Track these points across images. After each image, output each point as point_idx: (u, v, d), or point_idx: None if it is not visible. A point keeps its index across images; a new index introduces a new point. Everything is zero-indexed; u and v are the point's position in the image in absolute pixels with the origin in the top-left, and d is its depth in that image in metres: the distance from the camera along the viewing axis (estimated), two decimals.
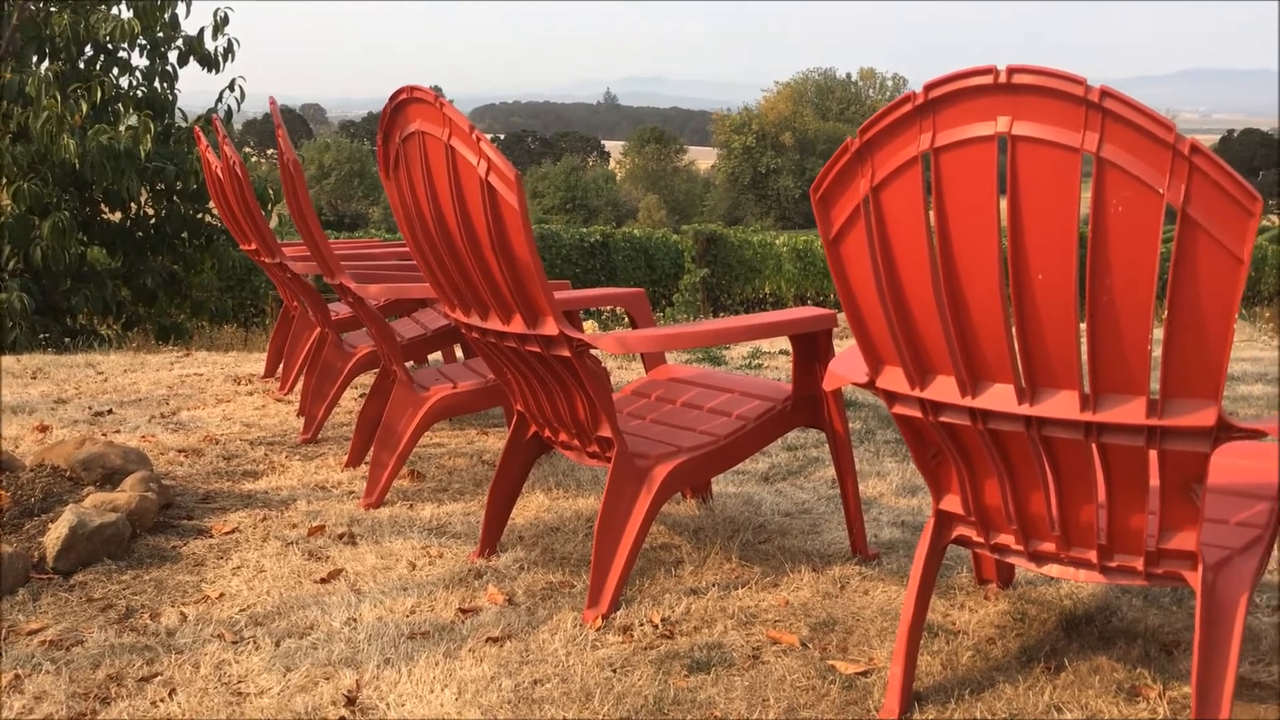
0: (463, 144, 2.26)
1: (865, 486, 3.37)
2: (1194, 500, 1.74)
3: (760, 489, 3.36)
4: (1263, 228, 52.22)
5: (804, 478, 3.49)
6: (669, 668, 2.16)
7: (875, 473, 3.51)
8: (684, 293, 18.79)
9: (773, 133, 63.70)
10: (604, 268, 18.73)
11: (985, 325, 1.72)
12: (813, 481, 3.44)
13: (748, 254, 19.64)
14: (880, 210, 1.75)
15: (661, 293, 19.68)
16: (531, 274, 2.29)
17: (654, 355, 3.17)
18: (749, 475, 3.51)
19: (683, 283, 19.14)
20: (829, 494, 3.28)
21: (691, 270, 19.03)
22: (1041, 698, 2.03)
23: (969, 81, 1.60)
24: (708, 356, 5.83)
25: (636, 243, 19.63)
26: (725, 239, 19.69)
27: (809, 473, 3.54)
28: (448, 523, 3.03)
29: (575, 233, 18.87)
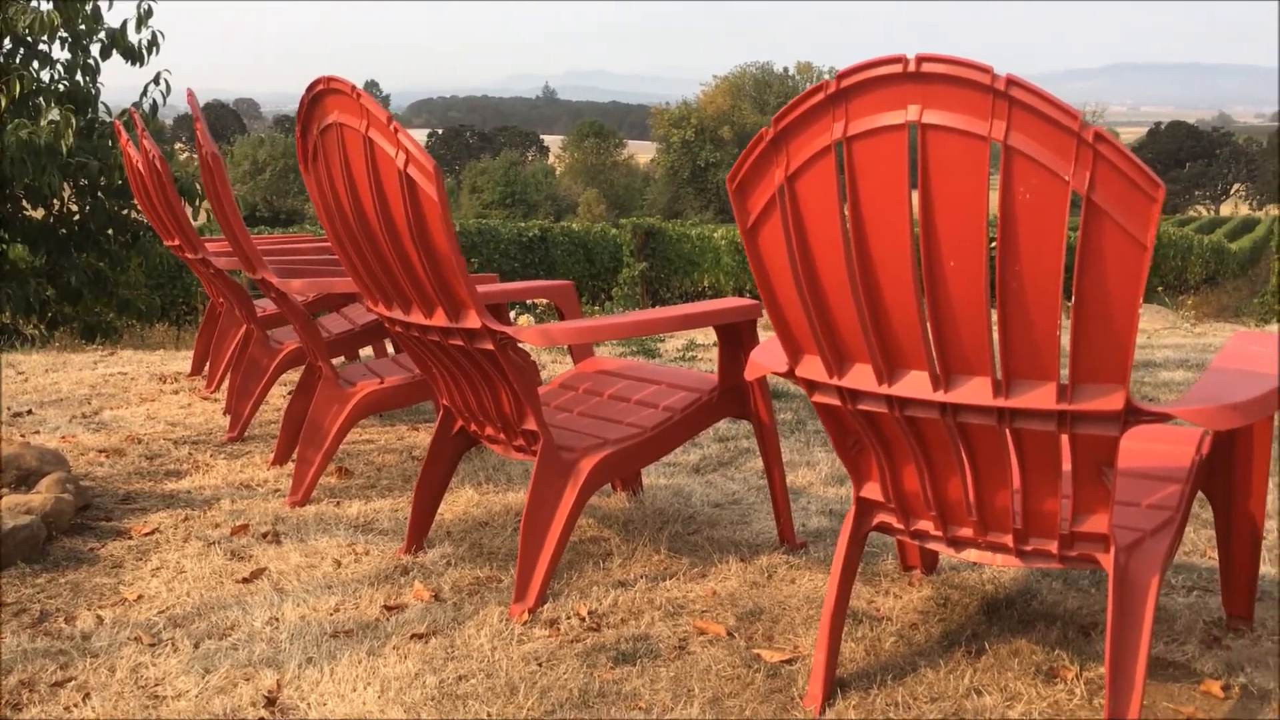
0: (381, 136, 2.23)
1: (795, 476, 3.39)
2: (1105, 484, 1.77)
3: (691, 480, 3.36)
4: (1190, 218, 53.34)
5: (735, 469, 3.50)
6: (595, 660, 2.16)
7: (805, 462, 3.53)
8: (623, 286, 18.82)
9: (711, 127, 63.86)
10: (543, 262, 18.68)
11: (899, 313, 1.73)
12: (743, 472, 3.46)
13: (686, 247, 19.69)
14: (795, 199, 1.75)
15: (601, 286, 19.68)
16: (452, 266, 2.27)
17: (582, 348, 3.16)
18: (680, 467, 3.51)
19: (622, 276, 19.16)
20: (759, 484, 3.30)
21: (630, 264, 19.05)
22: (962, 681, 2.05)
23: (879, 70, 1.61)
24: (642, 349, 5.83)
25: (575, 237, 19.60)
26: (664, 233, 19.72)
27: (740, 464, 3.55)
28: (375, 520, 3.00)
29: (513, 228, 18.79)
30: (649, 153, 75.83)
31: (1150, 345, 5.92)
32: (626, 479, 3.19)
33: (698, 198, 61.54)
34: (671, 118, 66.48)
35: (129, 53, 8.33)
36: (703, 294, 19.69)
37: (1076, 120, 1.50)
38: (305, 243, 5.03)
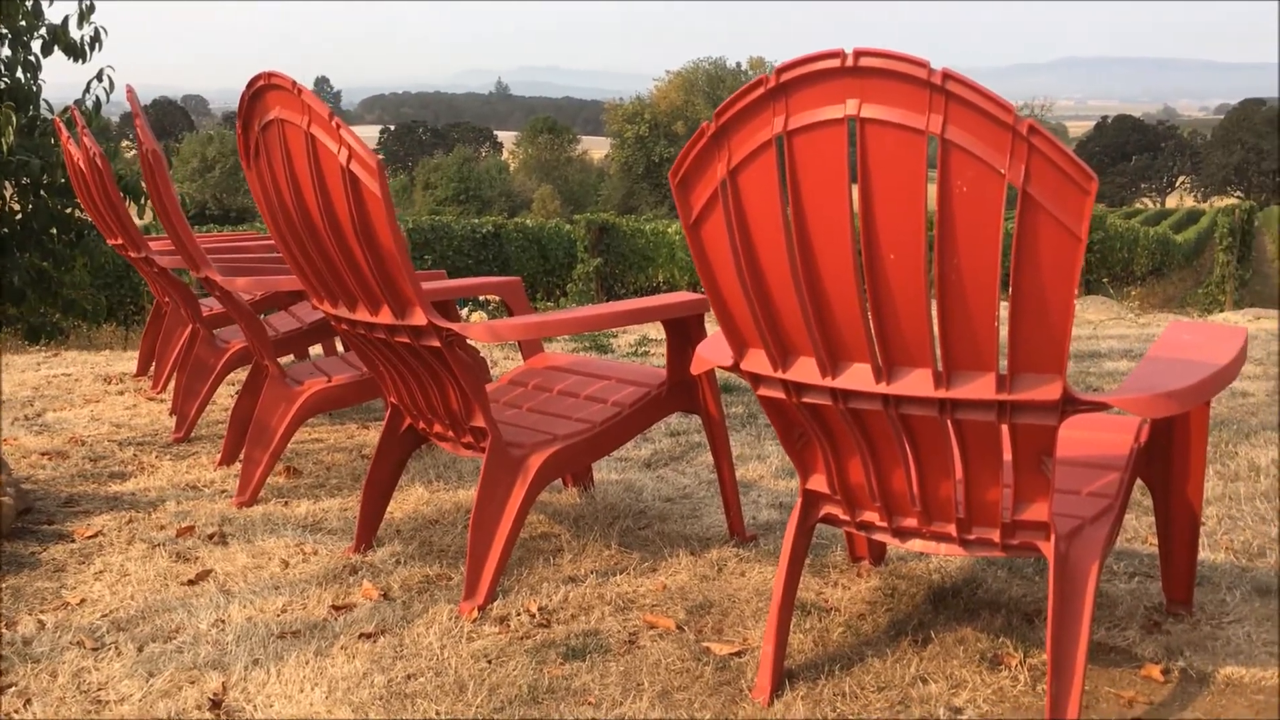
0: (323, 131, 2.21)
1: (746, 469, 3.40)
2: (1045, 472, 1.80)
3: (642, 475, 3.37)
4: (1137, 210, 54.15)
5: (686, 463, 3.51)
6: (544, 656, 2.16)
7: (756, 456, 3.55)
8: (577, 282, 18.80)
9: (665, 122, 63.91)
10: (496, 259, 18.61)
11: (841, 306, 1.74)
12: (694, 466, 3.47)
13: (640, 243, 19.69)
14: (738, 193, 1.76)
15: (555, 283, 19.63)
16: (397, 263, 2.25)
17: (531, 344, 3.15)
18: (631, 462, 3.51)
19: (576, 272, 19.13)
20: (710, 478, 3.31)
21: (585, 260, 19.03)
22: (908, 670, 2.07)
23: (818, 65, 1.62)
24: (594, 345, 5.83)
25: (529, 233, 19.55)
26: (618, 228, 19.71)
27: (691, 458, 3.56)
28: (324, 519, 2.98)
29: (467, 224, 18.70)
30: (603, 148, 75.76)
31: (1096, 336, 6.01)
32: (577, 474, 3.19)
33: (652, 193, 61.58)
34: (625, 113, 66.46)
35: (71, 49, 8.17)
36: (657, 289, 19.71)
37: (1011, 114, 1.52)
38: (252, 240, 4.97)
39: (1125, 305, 8.08)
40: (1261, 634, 2.17)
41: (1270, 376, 4.65)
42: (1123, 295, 16.44)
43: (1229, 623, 2.22)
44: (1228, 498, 2.99)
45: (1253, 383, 4.52)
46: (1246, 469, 3.23)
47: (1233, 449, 3.45)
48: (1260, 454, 3.37)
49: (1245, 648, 2.12)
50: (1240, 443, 3.52)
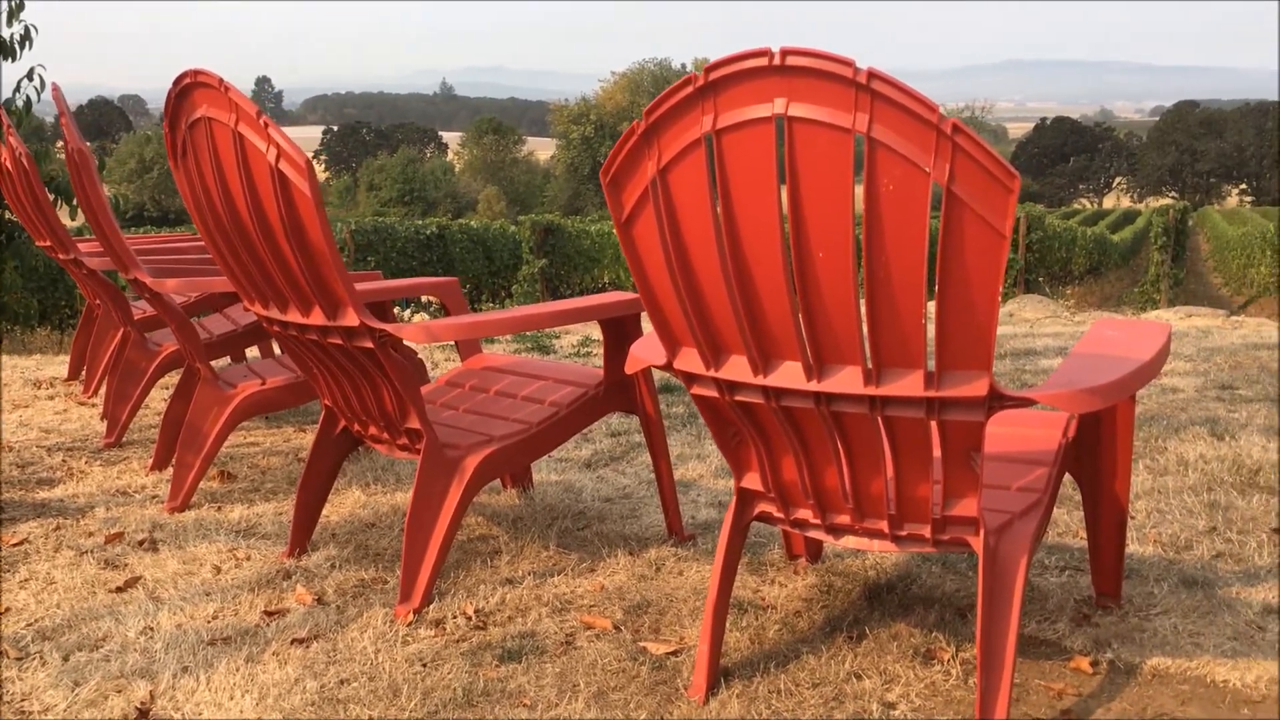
0: (250, 130, 2.18)
1: (686, 469, 3.40)
2: (973, 468, 1.82)
3: (582, 476, 3.36)
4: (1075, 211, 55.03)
5: (626, 463, 3.51)
6: (480, 659, 2.14)
7: (696, 455, 3.56)
8: (523, 283, 18.74)
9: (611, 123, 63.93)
10: (441, 260, 18.49)
11: (772, 304, 1.75)
12: (635, 467, 3.46)
13: (586, 243, 19.68)
14: (668, 192, 1.76)
15: (501, 284, 19.56)
16: (328, 263, 2.23)
17: (469, 345, 3.13)
18: (571, 463, 3.50)
19: (521, 273, 19.07)
20: (650, 478, 3.31)
21: (530, 261, 18.98)
22: (843, 666, 2.08)
23: (746, 64, 1.62)
24: (537, 346, 5.81)
25: (474, 234, 19.46)
26: (563, 229, 19.68)
27: (631, 458, 3.56)
28: (258, 524, 2.93)
29: (411, 226, 18.56)
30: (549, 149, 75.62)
31: (1032, 335, 6.10)
32: (516, 476, 3.18)
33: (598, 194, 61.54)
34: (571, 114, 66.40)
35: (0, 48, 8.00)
36: (603, 290, 19.71)
37: (936, 113, 1.53)
38: (186, 242, 4.89)
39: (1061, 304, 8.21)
40: (1187, 625, 2.21)
41: (1199, 373, 4.75)
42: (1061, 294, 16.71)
43: (1156, 614, 2.26)
44: (1157, 492, 3.04)
45: (1182, 379, 4.61)
46: (1175, 464, 3.29)
47: (1162, 444, 3.52)
48: (1189, 449, 3.44)
49: (1172, 639, 2.15)
50: (1170, 438, 3.59)
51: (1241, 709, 1.91)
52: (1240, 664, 2.04)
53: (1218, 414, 3.93)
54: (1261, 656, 2.07)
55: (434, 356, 5.42)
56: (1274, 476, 3.14)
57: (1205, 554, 2.59)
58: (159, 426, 3.53)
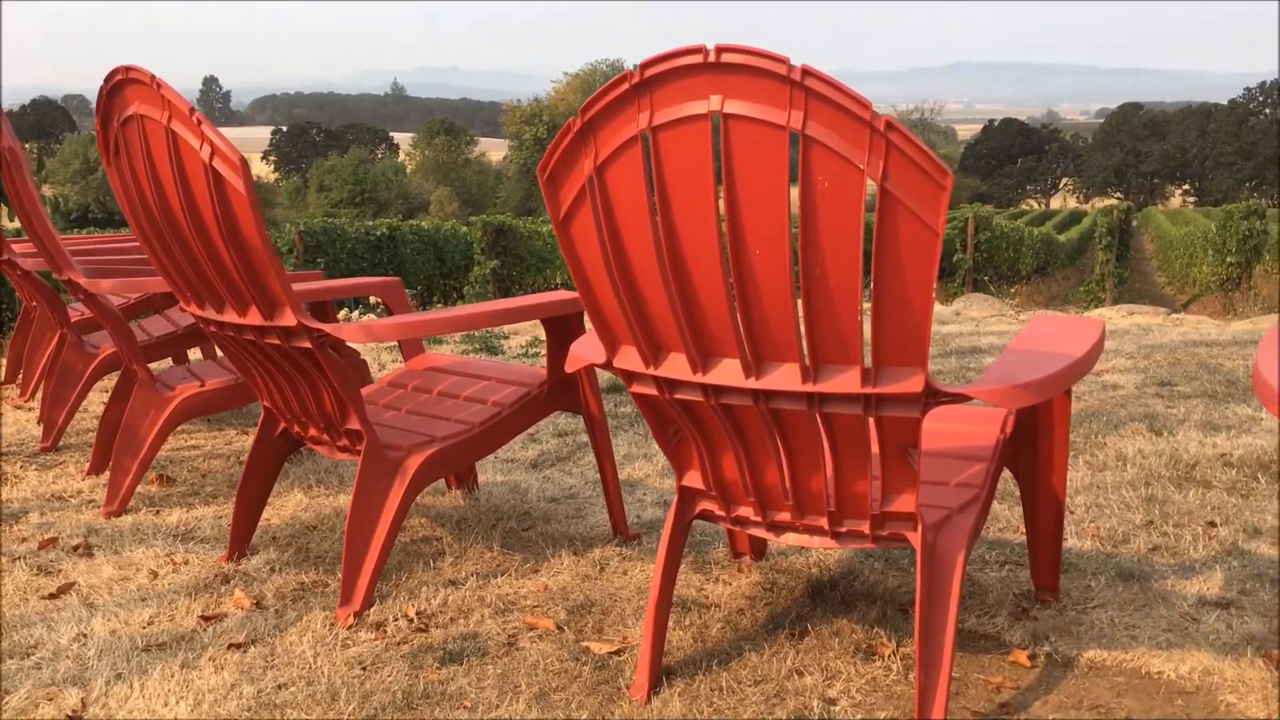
0: (184, 127, 2.15)
1: (632, 468, 3.40)
2: (911, 464, 1.82)
3: (528, 476, 3.34)
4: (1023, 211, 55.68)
5: (573, 463, 3.50)
6: (421, 661, 2.12)
7: (643, 454, 3.55)
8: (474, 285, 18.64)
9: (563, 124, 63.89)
10: (392, 261, 18.34)
11: (710, 302, 1.75)
12: (581, 467, 3.45)
13: (538, 244, 19.61)
14: (605, 190, 1.75)
15: (452, 285, 19.43)
16: (265, 263, 2.20)
17: (412, 345, 3.11)
18: (517, 463, 3.49)
19: (473, 274, 18.97)
20: (596, 478, 3.30)
21: (481, 262, 18.88)
22: (785, 663, 2.09)
23: (681, 60, 1.62)
24: (485, 346, 5.78)
25: (425, 235, 19.31)
26: (514, 230, 19.60)
27: (578, 458, 3.55)
28: (196, 528, 2.89)
29: (361, 227, 18.38)
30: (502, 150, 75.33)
31: (977, 333, 6.16)
32: (461, 476, 3.16)
33: None
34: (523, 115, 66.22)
35: None
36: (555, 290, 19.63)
37: (869, 110, 1.54)
38: (127, 242, 4.81)
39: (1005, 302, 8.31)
40: (1124, 618, 2.24)
41: (1140, 370, 4.82)
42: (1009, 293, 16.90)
43: (1093, 608, 2.29)
44: (1096, 487, 3.08)
45: (1123, 376, 4.68)
46: (1114, 459, 3.34)
47: (1102, 440, 3.56)
48: (1127, 444, 3.49)
49: (1108, 631, 2.18)
50: (1109, 434, 3.64)
51: (1175, 700, 1.93)
52: (1174, 655, 2.07)
53: (1156, 410, 3.99)
54: (1195, 648, 2.10)
55: (381, 358, 5.37)
56: (1210, 471, 3.20)
57: (1142, 547, 2.62)
58: (96, 430, 3.47)
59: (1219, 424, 3.74)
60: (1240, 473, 3.17)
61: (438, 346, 5.89)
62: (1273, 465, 3.21)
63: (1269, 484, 3.08)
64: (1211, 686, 1.97)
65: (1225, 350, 5.26)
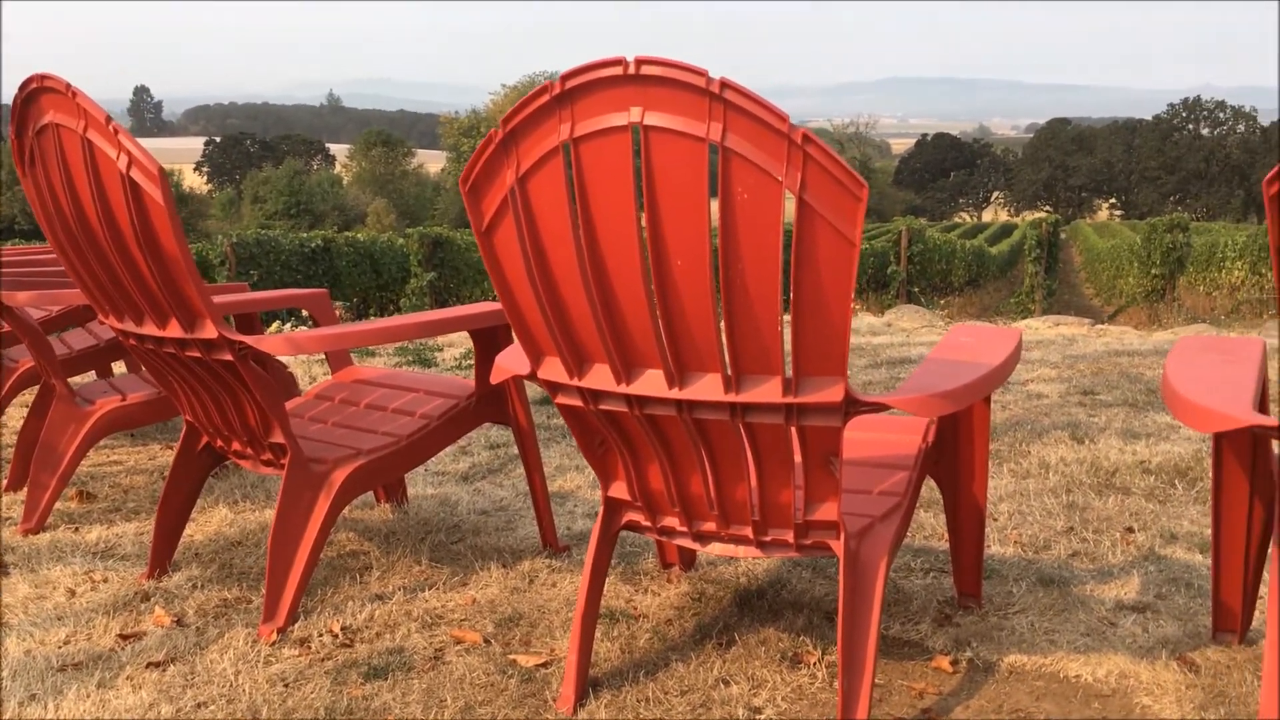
0: (100, 137, 2.11)
1: (564, 480, 3.39)
2: (833, 473, 1.84)
3: (458, 489, 3.32)
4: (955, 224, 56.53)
5: (504, 475, 3.48)
6: (345, 677, 2.09)
7: (575, 466, 3.55)
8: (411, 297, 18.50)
9: None
10: (327, 274, 18.15)
11: (633, 313, 1.75)
12: (513, 479, 3.44)
13: (476, 257, 19.50)
14: (527, 201, 1.75)
15: (389, 298, 19.27)
16: (184, 274, 2.16)
17: (340, 358, 3.07)
18: (448, 476, 3.46)
19: (409, 287, 18.83)
20: (527, 490, 3.28)
21: (418, 274, 18.75)
22: (711, 672, 2.09)
23: (602, 72, 1.62)
24: (418, 359, 5.74)
25: (361, 247, 19.14)
26: (452, 242, 19.49)
27: (509, 470, 3.54)
28: (117, 544, 2.83)
29: (295, 239, 18.17)
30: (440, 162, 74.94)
31: (908, 344, 6.24)
32: (390, 489, 3.13)
33: None
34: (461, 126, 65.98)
35: None
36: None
37: (786, 122, 1.56)
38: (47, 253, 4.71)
39: (936, 314, 8.44)
40: (1044, 623, 2.27)
41: (1064, 379, 4.91)
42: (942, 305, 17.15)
43: (1014, 613, 2.33)
44: (1019, 494, 3.13)
45: (1047, 385, 4.76)
46: (1037, 466, 3.40)
47: (1026, 448, 3.63)
48: (1050, 452, 3.56)
49: (1028, 636, 2.22)
50: (1033, 442, 3.71)
51: (1093, 703, 1.97)
52: (1092, 659, 2.11)
53: (1079, 418, 4.07)
54: (1112, 651, 2.14)
55: (313, 371, 5.31)
56: (1129, 478, 3.27)
57: (1062, 553, 2.67)
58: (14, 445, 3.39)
59: (1139, 432, 3.83)
60: (1158, 479, 3.24)
61: (371, 359, 5.84)
62: (1189, 472, 3.29)
63: (1185, 490, 3.15)
64: (1128, 689, 2.01)
65: (1146, 359, 5.38)
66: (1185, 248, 19.13)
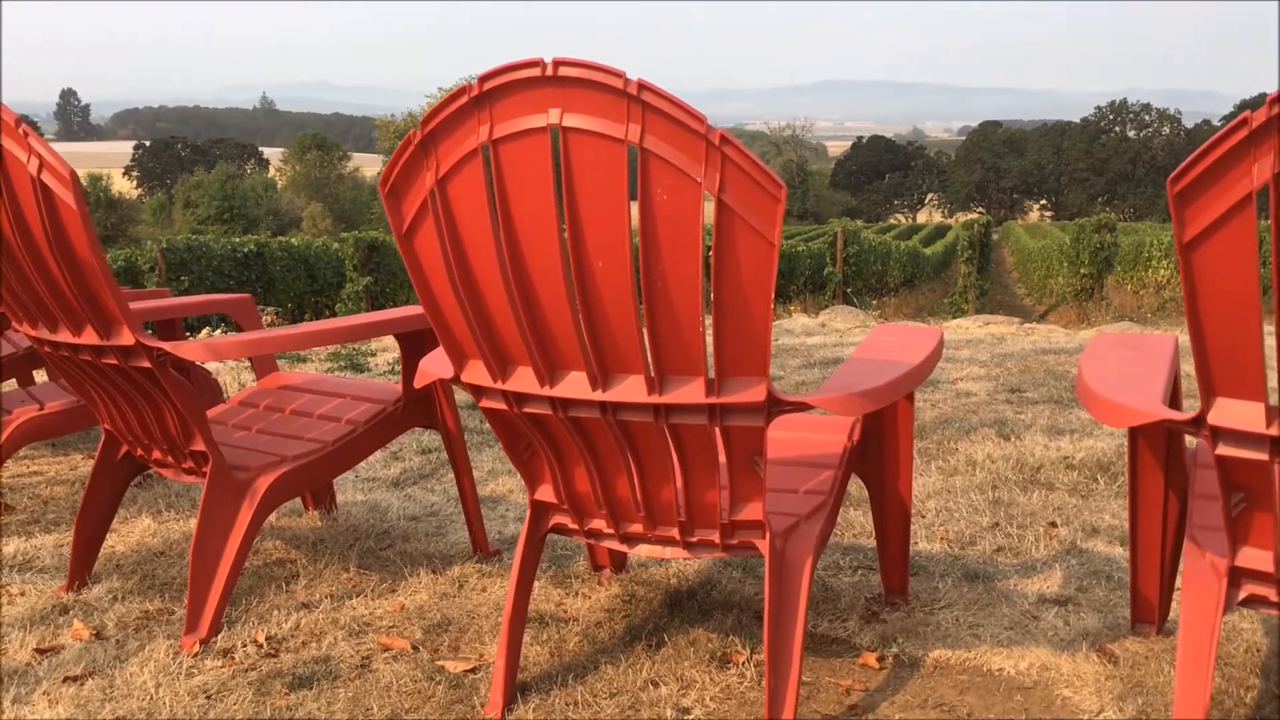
0: (9, 140, 2.06)
1: (496, 484, 3.38)
2: (757, 473, 1.85)
3: (389, 495, 3.29)
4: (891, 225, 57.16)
5: (436, 480, 3.46)
6: (269, 688, 2.06)
7: (507, 470, 3.53)
8: (346, 302, 18.31)
9: None
10: (260, 279, 17.90)
11: (555, 314, 1.75)
12: (444, 484, 3.41)
13: None
14: (447, 203, 1.74)
15: (324, 303, 19.05)
16: (99, 280, 2.12)
17: (264, 363, 3.03)
18: (379, 482, 3.43)
19: (345, 292, 18.62)
20: (458, 494, 3.26)
21: (354, 279, 18.56)
22: (640, 674, 2.09)
23: (520, 74, 1.62)
24: (351, 365, 5.68)
25: (295, 252, 18.90)
26: (388, 246, 19.32)
27: (441, 475, 3.51)
28: (35, 557, 2.76)
29: (227, 244, 17.89)
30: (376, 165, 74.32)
31: (841, 344, 6.30)
32: (318, 496, 3.09)
33: None
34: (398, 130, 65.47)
35: None
36: None
37: (703, 123, 1.56)
38: None
39: (869, 314, 8.52)
40: (968, 617, 2.30)
41: (992, 378, 4.99)
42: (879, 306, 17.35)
43: (940, 608, 2.35)
44: (947, 491, 3.17)
45: (976, 384, 4.83)
46: (965, 464, 3.45)
47: (954, 446, 3.68)
48: (978, 449, 3.61)
49: (953, 631, 2.24)
50: (961, 439, 3.76)
51: (1015, 695, 2.00)
52: (1015, 652, 2.14)
53: (1006, 416, 4.13)
54: (1034, 644, 2.18)
55: (242, 378, 5.23)
56: (1053, 474, 3.32)
57: (987, 549, 2.71)
58: None
59: (1063, 428, 3.90)
60: (1081, 474, 3.30)
61: (302, 365, 5.77)
62: (1111, 467, 3.36)
63: (1107, 485, 3.21)
64: (1049, 681, 2.04)
65: (1072, 358, 5.48)
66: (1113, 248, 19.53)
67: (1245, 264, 1.40)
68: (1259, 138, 1.33)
